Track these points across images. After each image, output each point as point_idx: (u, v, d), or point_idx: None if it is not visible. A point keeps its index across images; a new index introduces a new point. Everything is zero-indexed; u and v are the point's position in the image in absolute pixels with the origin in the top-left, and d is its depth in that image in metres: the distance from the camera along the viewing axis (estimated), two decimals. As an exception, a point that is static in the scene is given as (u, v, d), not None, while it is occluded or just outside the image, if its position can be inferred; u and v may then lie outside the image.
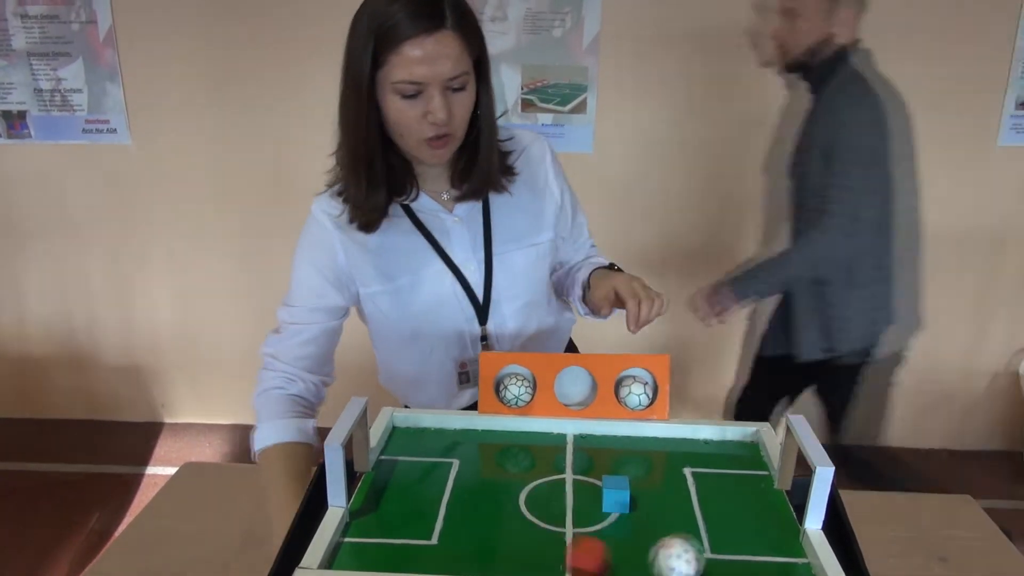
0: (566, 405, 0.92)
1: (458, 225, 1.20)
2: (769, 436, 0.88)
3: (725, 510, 0.76)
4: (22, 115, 2.80)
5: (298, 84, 2.69)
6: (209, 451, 3.00)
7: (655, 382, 0.91)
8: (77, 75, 2.75)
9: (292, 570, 0.65)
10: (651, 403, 0.91)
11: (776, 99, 2.65)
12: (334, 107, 1.14)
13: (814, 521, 0.70)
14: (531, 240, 1.25)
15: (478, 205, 1.22)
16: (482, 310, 1.22)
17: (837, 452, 1.78)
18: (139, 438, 3.08)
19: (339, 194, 1.16)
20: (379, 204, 1.13)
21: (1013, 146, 2.66)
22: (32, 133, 2.83)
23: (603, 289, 1.15)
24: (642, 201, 2.81)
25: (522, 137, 1.27)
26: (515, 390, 0.91)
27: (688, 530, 0.72)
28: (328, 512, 0.72)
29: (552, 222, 1.27)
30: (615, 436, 0.90)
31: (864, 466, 2.06)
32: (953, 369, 2.95)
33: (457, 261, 1.19)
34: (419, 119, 1.05)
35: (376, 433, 0.88)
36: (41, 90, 2.76)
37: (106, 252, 2.97)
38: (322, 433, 0.83)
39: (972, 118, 2.65)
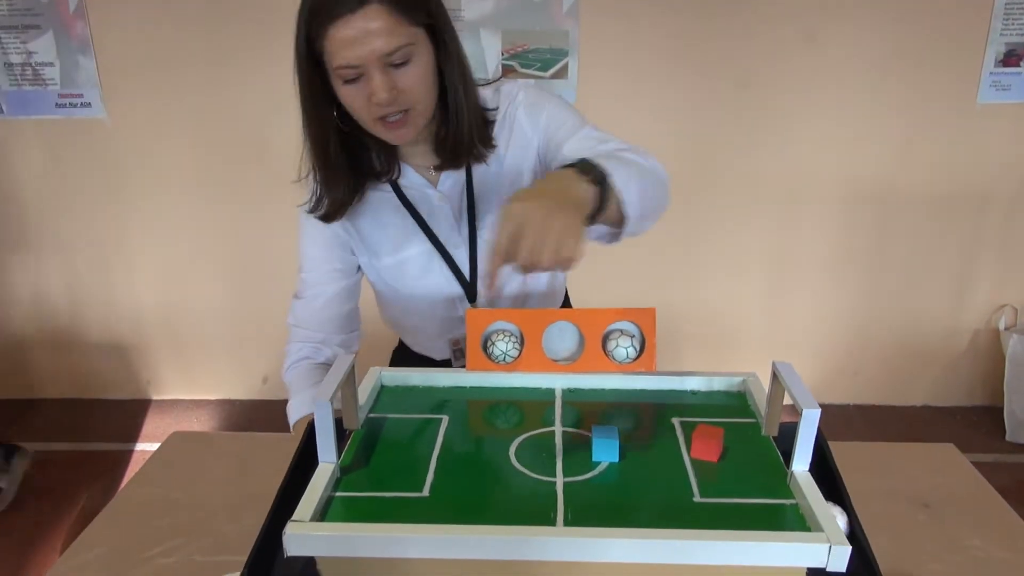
0: (554, 360, 0.92)
1: (444, 203, 1.17)
2: (756, 385, 0.89)
3: (713, 457, 0.77)
4: (-7, 90, 2.75)
5: (277, 53, 2.64)
6: (197, 426, 2.99)
7: (642, 335, 0.91)
8: (48, 48, 2.68)
9: (284, 524, 0.65)
10: (638, 356, 0.91)
11: (760, 59, 2.64)
12: None
13: (801, 462, 0.71)
14: None
15: (462, 179, 1.17)
16: (471, 288, 1.20)
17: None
18: (126, 415, 3.07)
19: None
20: (338, 199, 1.10)
21: (993, 103, 2.67)
22: (4, 108, 2.77)
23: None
24: (625, 166, 2.80)
25: (503, 101, 1.16)
26: (503, 346, 0.90)
27: (677, 477, 0.73)
28: (319, 467, 0.72)
29: (531, 178, 1.19)
30: (603, 389, 0.91)
31: None
32: (936, 326, 2.98)
33: (443, 239, 1.18)
34: (367, 102, 0.99)
35: (364, 392, 0.88)
36: (12, 64, 2.70)
37: (85, 228, 2.93)
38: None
39: (951, 76, 2.64)
